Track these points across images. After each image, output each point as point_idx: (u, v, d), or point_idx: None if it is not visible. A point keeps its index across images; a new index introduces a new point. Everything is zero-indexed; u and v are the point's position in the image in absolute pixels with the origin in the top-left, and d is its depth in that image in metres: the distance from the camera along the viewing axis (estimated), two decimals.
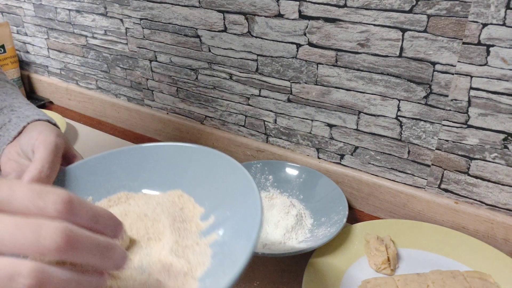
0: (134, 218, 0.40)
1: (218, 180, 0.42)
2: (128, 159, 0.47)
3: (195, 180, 0.44)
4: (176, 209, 0.41)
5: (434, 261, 0.55)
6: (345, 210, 0.59)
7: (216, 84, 0.76)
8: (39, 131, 0.47)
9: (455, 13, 0.50)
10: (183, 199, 0.43)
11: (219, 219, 0.39)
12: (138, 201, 0.43)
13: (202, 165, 0.44)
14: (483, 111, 0.53)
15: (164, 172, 0.46)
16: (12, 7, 1.05)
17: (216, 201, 0.41)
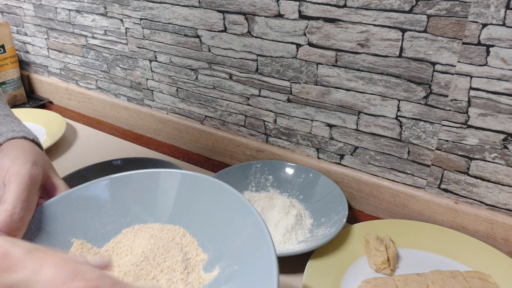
0: (131, 272, 0.35)
1: (226, 223, 0.36)
2: (118, 189, 0.40)
3: (199, 219, 0.38)
4: (177, 254, 0.36)
5: (433, 261, 0.55)
6: (345, 210, 0.59)
7: (216, 84, 0.76)
8: (12, 159, 0.39)
9: (455, 13, 0.50)
10: (185, 240, 0.38)
11: (225, 272, 0.34)
12: (135, 243, 0.38)
13: (209, 201, 0.38)
14: (483, 111, 0.53)
15: (162, 203, 0.39)
16: (12, 7, 1.05)
17: (222, 248, 0.35)
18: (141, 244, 0.38)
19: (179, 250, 0.37)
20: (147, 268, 0.36)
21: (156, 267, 0.36)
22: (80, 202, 0.40)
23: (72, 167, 0.78)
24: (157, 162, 0.72)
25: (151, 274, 0.35)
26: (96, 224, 0.40)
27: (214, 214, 0.37)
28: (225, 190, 0.37)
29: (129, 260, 0.36)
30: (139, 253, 0.37)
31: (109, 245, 0.39)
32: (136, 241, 0.38)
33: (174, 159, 0.82)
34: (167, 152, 0.85)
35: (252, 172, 0.70)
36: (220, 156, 0.82)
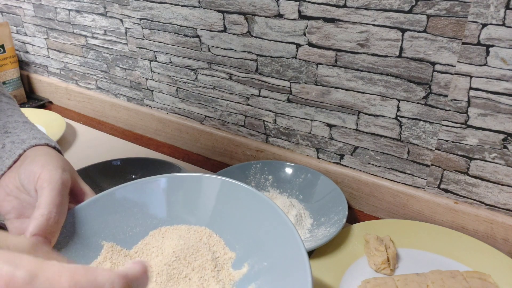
0: (164, 272, 0.36)
1: (251, 223, 0.37)
2: (144, 192, 0.42)
3: (224, 220, 0.39)
4: (206, 253, 0.37)
5: (433, 261, 0.55)
6: (344, 210, 0.59)
7: (216, 84, 0.76)
8: (42, 165, 0.40)
9: (454, 13, 0.50)
10: (212, 240, 0.38)
11: (254, 269, 0.34)
12: (164, 244, 0.39)
13: (232, 203, 0.39)
14: (483, 111, 0.53)
15: (187, 206, 0.40)
16: (12, 7, 1.05)
17: (249, 246, 0.36)
18: (170, 245, 0.39)
19: (208, 249, 0.38)
20: (179, 268, 0.37)
21: (187, 266, 0.37)
22: (109, 206, 0.41)
23: None
24: (157, 162, 0.72)
25: (183, 273, 0.36)
26: (124, 227, 0.41)
27: (237, 214, 0.38)
28: (247, 191, 0.38)
29: (160, 261, 0.37)
30: (170, 253, 0.38)
31: (138, 247, 0.40)
32: (165, 242, 0.39)
33: (174, 159, 0.82)
34: (167, 152, 0.85)
35: (252, 172, 0.70)
36: (220, 156, 0.82)
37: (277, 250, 0.34)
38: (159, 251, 0.39)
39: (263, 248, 0.35)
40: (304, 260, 0.30)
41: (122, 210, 0.41)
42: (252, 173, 0.70)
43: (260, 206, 0.37)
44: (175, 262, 0.37)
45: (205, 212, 0.40)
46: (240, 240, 0.37)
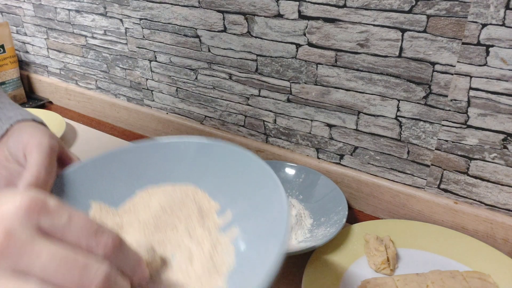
0: (151, 224, 0.39)
1: (232, 174, 0.40)
2: (129, 158, 0.44)
3: (206, 174, 0.41)
4: (192, 205, 0.40)
5: (433, 261, 0.55)
6: (344, 210, 0.59)
7: (216, 84, 0.76)
8: (30, 134, 0.42)
9: (454, 13, 0.50)
10: (197, 194, 0.41)
11: (238, 213, 0.38)
12: (151, 202, 0.41)
13: (212, 158, 0.42)
14: (483, 111, 0.53)
15: (171, 167, 0.43)
16: (12, 7, 1.05)
17: (232, 195, 0.39)
18: (157, 201, 0.41)
19: (193, 202, 0.40)
20: (166, 219, 0.39)
21: (173, 217, 0.39)
22: (96, 169, 0.44)
23: None
24: None
25: (169, 223, 0.39)
26: (112, 188, 0.43)
27: (218, 169, 0.41)
28: (225, 148, 0.41)
29: (147, 214, 0.40)
30: (156, 207, 0.40)
31: (125, 206, 0.42)
32: (151, 199, 0.42)
33: None
34: None
35: None
36: None
37: (257, 193, 0.37)
38: (146, 207, 0.41)
39: (244, 194, 0.38)
40: (282, 196, 0.34)
41: (108, 173, 0.44)
42: None
43: (238, 158, 0.40)
44: (162, 215, 0.39)
45: (188, 171, 0.43)
46: (223, 191, 0.40)
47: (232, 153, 0.41)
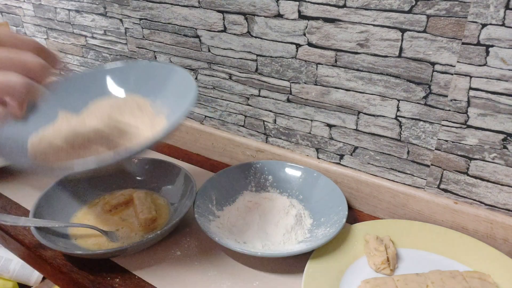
0: (105, 115, 0.55)
1: (155, 79, 0.58)
2: (80, 80, 0.60)
3: (139, 83, 0.58)
4: (132, 103, 0.56)
5: (433, 261, 0.55)
6: (344, 210, 0.59)
7: (216, 84, 0.76)
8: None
9: (454, 13, 0.50)
10: (138, 99, 0.57)
11: (166, 101, 0.55)
12: (102, 105, 0.57)
13: (140, 71, 0.59)
14: (483, 111, 0.53)
15: (114, 82, 0.59)
16: (12, 7, 1.05)
17: (162, 94, 0.56)
18: (107, 103, 0.57)
19: (133, 101, 0.56)
20: (115, 112, 0.55)
21: (121, 111, 0.55)
22: (59, 89, 0.54)
23: None
24: (157, 162, 0.72)
25: (119, 114, 0.54)
26: (71, 102, 0.57)
27: (151, 81, 0.58)
28: (155, 66, 0.60)
29: (101, 111, 0.55)
30: (107, 107, 0.56)
31: (83, 111, 0.56)
32: (102, 104, 0.57)
33: (173, 159, 0.82)
34: (167, 152, 0.85)
35: (252, 172, 0.70)
36: (220, 156, 0.82)
37: (174, 84, 0.55)
38: (99, 109, 0.56)
39: (166, 88, 0.56)
40: (190, 81, 0.52)
41: (68, 91, 0.57)
42: (252, 173, 0.70)
43: (165, 70, 0.58)
44: (112, 110, 0.55)
45: (125, 84, 0.59)
46: (156, 94, 0.56)
47: (152, 66, 0.60)
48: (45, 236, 0.56)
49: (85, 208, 0.66)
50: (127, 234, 0.61)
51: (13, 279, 1.15)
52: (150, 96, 0.57)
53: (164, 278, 0.54)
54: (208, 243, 0.60)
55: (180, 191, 0.66)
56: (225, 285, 0.53)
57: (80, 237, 0.60)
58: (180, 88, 0.53)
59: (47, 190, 0.64)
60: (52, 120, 0.54)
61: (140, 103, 0.56)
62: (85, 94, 0.57)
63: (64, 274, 0.56)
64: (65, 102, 0.56)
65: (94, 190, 0.69)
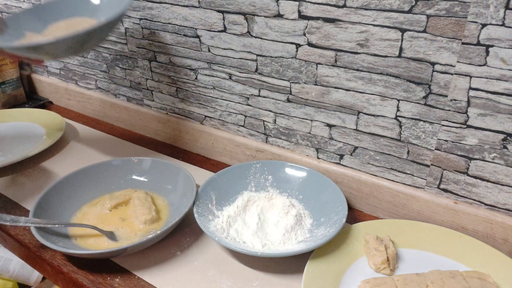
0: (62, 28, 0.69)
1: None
2: (40, 8, 0.74)
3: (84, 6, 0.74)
4: (81, 20, 0.71)
5: (433, 261, 0.55)
6: (344, 210, 0.59)
7: (216, 84, 0.76)
8: None
9: (454, 13, 0.50)
10: (82, 18, 0.72)
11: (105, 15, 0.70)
12: (59, 25, 0.70)
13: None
14: (482, 111, 0.53)
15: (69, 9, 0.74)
16: (12, 7, 1.05)
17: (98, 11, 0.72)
18: (63, 23, 0.71)
19: (82, 19, 0.72)
20: (71, 26, 0.69)
21: (75, 25, 0.69)
22: (26, 15, 0.73)
23: (71, 167, 0.78)
24: (157, 162, 0.72)
25: (75, 26, 0.68)
26: (35, 25, 0.71)
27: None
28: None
29: (61, 27, 0.69)
30: (64, 24, 0.71)
31: (45, 31, 0.70)
32: (60, 24, 0.70)
33: (173, 159, 0.82)
34: (167, 152, 0.85)
35: (252, 172, 0.70)
36: (220, 156, 0.82)
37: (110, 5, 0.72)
38: (58, 28, 0.70)
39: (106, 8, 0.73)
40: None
41: (31, 17, 0.72)
42: (252, 173, 0.70)
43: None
44: (68, 26, 0.70)
45: (76, 9, 0.74)
46: (96, 12, 0.73)
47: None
48: (45, 236, 0.56)
49: (85, 208, 0.66)
50: (127, 234, 0.61)
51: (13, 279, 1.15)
52: (94, 15, 0.73)
53: (164, 278, 0.54)
54: (208, 243, 0.60)
55: (180, 191, 0.66)
56: (225, 285, 0.53)
57: (80, 237, 0.60)
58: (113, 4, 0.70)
59: (47, 190, 0.64)
60: (21, 38, 0.69)
61: (88, 21, 0.71)
62: (43, 19, 0.72)
63: (64, 274, 0.56)
64: (30, 25, 0.71)
65: (94, 190, 0.69)
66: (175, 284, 0.53)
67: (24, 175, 0.77)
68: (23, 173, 0.78)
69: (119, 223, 0.63)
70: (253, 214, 0.62)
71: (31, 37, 0.68)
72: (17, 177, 0.77)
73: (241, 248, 0.54)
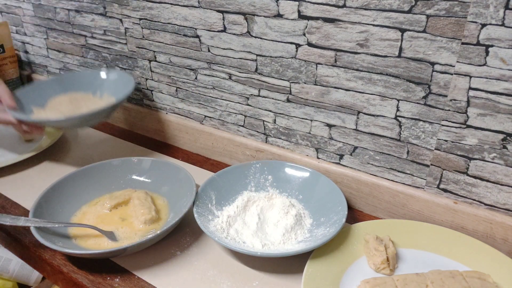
0: (67, 105, 0.82)
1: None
2: (43, 84, 0.86)
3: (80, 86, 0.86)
4: (78, 95, 0.84)
5: (433, 261, 0.55)
6: (344, 210, 0.59)
7: (216, 84, 0.76)
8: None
9: (454, 13, 0.50)
10: (78, 93, 0.85)
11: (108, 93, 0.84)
12: (61, 99, 0.83)
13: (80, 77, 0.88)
14: (482, 111, 0.53)
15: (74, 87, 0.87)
16: (12, 7, 1.05)
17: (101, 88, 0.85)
18: (66, 98, 0.83)
19: (79, 94, 0.85)
20: (73, 104, 0.80)
21: (77, 102, 0.81)
22: (30, 91, 0.82)
23: (71, 168, 0.78)
24: (157, 162, 0.72)
25: (78, 106, 0.80)
26: (39, 100, 0.81)
27: None
28: None
29: (63, 106, 0.79)
30: (66, 99, 0.82)
31: (47, 105, 0.81)
32: (62, 99, 0.82)
33: (173, 159, 0.82)
34: (167, 152, 0.85)
35: (252, 172, 0.70)
36: (220, 156, 0.82)
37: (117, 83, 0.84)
38: (63, 101, 0.82)
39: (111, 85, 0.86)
40: None
41: (35, 93, 0.82)
42: (251, 173, 0.70)
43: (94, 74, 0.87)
44: (70, 103, 0.81)
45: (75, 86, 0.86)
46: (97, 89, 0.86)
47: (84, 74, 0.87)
48: (45, 236, 0.56)
49: (85, 208, 0.66)
50: (127, 234, 0.61)
51: (13, 279, 1.15)
52: (95, 92, 0.84)
53: (164, 278, 0.54)
54: (208, 243, 0.60)
55: (180, 191, 0.66)
56: (224, 285, 0.53)
57: (80, 237, 0.60)
58: (119, 83, 0.80)
59: (47, 190, 0.64)
60: (28, 114, 0.78)
61: (86, 97, 0.83)
62: (44, 95, 0.82)
63: (63, 274, 0.56)
64: (34, 100, 0.81)
65: (94, 190, 0.69)
66: (174, 284, 0.53)
67: (24, 175, 0.77)
68: (23, 173, 0.78)
69: (119, 223, 0.63)
70: (253, 214, 0.62)
71: (38, 112, 0.78)
72: (17, 177, 0.77)
73: (241, 248, 0.54)
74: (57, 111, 0.78)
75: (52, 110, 0.79)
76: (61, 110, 0.79)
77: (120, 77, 0.84)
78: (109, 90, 0.83)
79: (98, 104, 0.80)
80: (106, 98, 0.83)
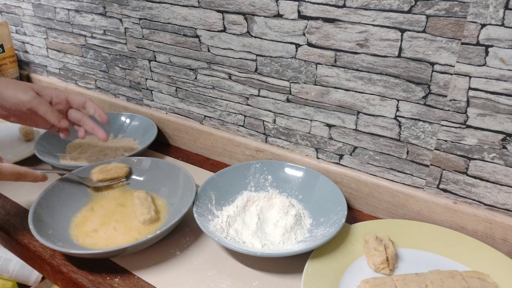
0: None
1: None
2: None
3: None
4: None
5: (432, 261, 0.55)
6: (344, 210, 0.59)
7: (215, 84, 0.76)
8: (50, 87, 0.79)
9: (454, 13, 0.50)
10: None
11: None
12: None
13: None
14: (482, 111, 0.53)
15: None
16: (11, 6, 1.05)
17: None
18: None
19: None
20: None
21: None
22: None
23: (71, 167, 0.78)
24: (157, 162, 0.72)
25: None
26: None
27: None
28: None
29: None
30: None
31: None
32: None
33: (173, 159, 0.82)
34: (167, 152, 0.85)
35: (252, 172, 0.70)
36: (219, 156, 0.82)
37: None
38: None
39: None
40: None
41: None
42: (251, 173, 0.70)
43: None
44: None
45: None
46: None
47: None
48: (45, 236, 0.56)
49: (85, 208, 0.66)
50: (126, 234, 0.61)
51: (13, 279, 1.15)
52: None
53: (164, 278, 0.54)
54: (208, 243, 0.60)
55: (180, 191, 0.66)
56: (224, 285, 0.53)
57: (80, 237, 0.60)
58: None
59: (47, 190, 0.64)
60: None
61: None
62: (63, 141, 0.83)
63: (63, 274, 0.56)
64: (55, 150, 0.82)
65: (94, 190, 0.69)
66: (174, 284, 0.53)
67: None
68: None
69: (119, 223, 0.63)
70: (252, 214, 0.62)
71: (64, 157, 0.80)
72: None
73: (241, 248, 0.54)
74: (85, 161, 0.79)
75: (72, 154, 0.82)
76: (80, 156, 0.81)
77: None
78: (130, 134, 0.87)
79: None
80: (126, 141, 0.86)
